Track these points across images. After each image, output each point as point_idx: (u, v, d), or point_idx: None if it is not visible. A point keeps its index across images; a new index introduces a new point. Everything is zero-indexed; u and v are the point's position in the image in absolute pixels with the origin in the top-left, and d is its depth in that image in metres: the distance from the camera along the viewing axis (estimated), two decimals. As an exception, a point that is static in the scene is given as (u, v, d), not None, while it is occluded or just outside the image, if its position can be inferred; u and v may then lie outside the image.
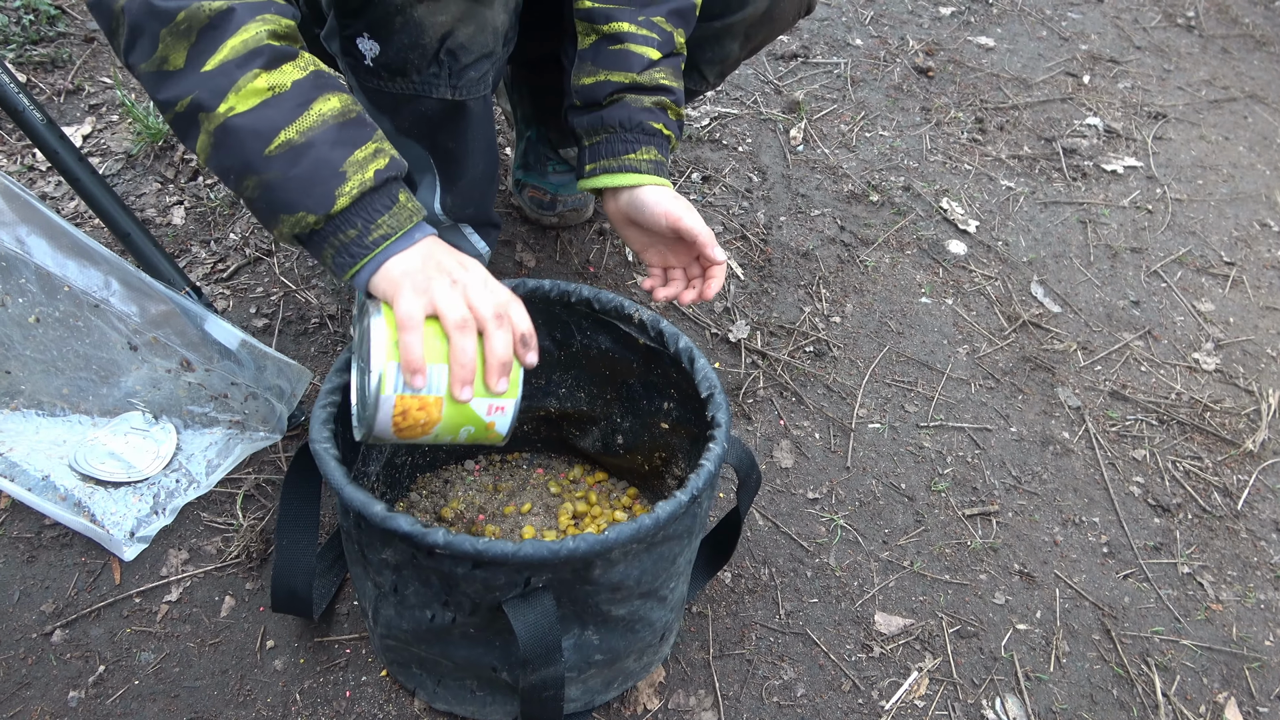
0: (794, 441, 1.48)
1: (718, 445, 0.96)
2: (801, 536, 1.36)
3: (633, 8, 1.17)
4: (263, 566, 1.20)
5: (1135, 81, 2.49)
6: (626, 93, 1.17)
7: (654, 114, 1.18)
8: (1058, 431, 1.56)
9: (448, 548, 0.83)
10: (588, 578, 0.90)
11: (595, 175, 1.19)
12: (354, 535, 0.96)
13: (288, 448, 1.32)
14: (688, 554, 0.99)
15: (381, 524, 0.85)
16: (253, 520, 1.24)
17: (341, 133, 0.85)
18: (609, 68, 1.17)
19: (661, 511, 0.88)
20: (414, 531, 0.84)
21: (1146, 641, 1.31)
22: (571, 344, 1.20)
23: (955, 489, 1.45)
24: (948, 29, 2.56)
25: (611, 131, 1.17)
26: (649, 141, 1.18)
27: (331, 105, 0.86)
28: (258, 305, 1.52)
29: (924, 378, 1.62)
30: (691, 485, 0.91)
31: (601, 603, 0.92)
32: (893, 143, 2.13)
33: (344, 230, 0.86)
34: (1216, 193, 2.15)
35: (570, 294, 1.13)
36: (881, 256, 1.84)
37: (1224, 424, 1.61)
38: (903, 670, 1.23)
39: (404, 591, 0.94)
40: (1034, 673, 1.25)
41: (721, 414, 1.00)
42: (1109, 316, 1.79)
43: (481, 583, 0.88)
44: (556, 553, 0.84)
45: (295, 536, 1.04)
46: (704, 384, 1.04)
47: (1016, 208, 2.01)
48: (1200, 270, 1.93)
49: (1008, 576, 1.35)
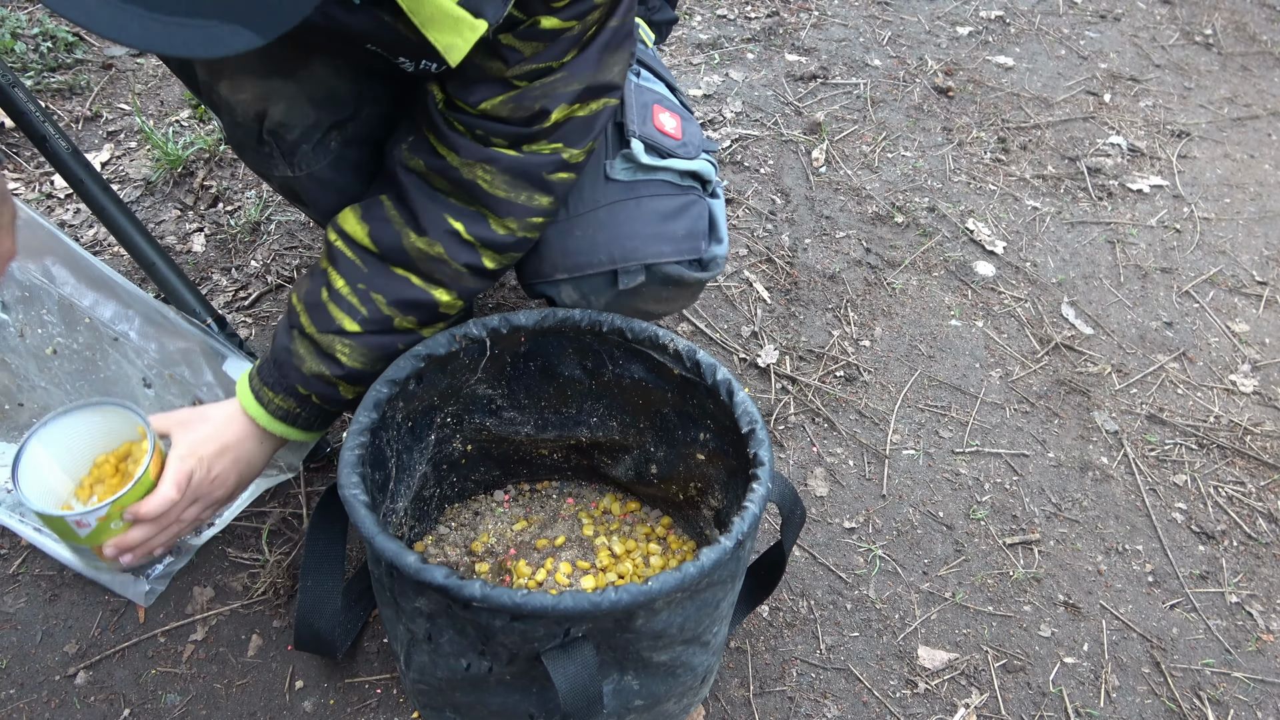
0: (828, 469, 1.45)
1: (761, 486, 0.93)
2: (839, 568, 1.32)
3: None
4: (289, 603, 1.17)
5: (1156, 100, 2.47)
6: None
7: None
8: (1096, 457, 1.53)
9: (485, 601, 0.81)
10: (629, 627, 0.87)
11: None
12: (386, 583, 0.92)
13: (311, 481, 1.29)
14: (731, 597, 0.96)
15: (416, 576, 0.82)
16: (279, 556, 1.21)
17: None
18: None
19: (706, 560, 0.85)
20: (450, 585, 0.81)
21: (1198, 674, 1.27)
22: (604, 373, 1.17)
23: (994, 517, 1.42)
24: (966, 49, 2.54)
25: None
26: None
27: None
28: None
29: (957, 402, 1.59)
30: (736, 530, 0.88)
31: (643, 650, 0.89)
32: (915, 163, 2.11)
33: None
34: (1244, 211, 2.12)
35: (602, 323, 1.10)
36: (909, 278, 1.82)
37: (1265, 448, 1.58)
38: (949, 707, 1.19)
39: (438, 639, 0.91)
40: (1084, 708, 1.21)
41: (764, 451, 0.97)
42: (1142, 338, 1.76)
43: (520, 634, 0.85)
44: (598, 605, 0.81)
45: (320, 579, 1.01)
46: (744, 419, 1.01)
47: (1043, 228, 1.98)
48: (1232, 290, 1.90)
49: (1052, 607, 1.32)
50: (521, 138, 0.96)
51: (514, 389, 1.18)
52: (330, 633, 1.03)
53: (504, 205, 0.99)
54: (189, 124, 1.89)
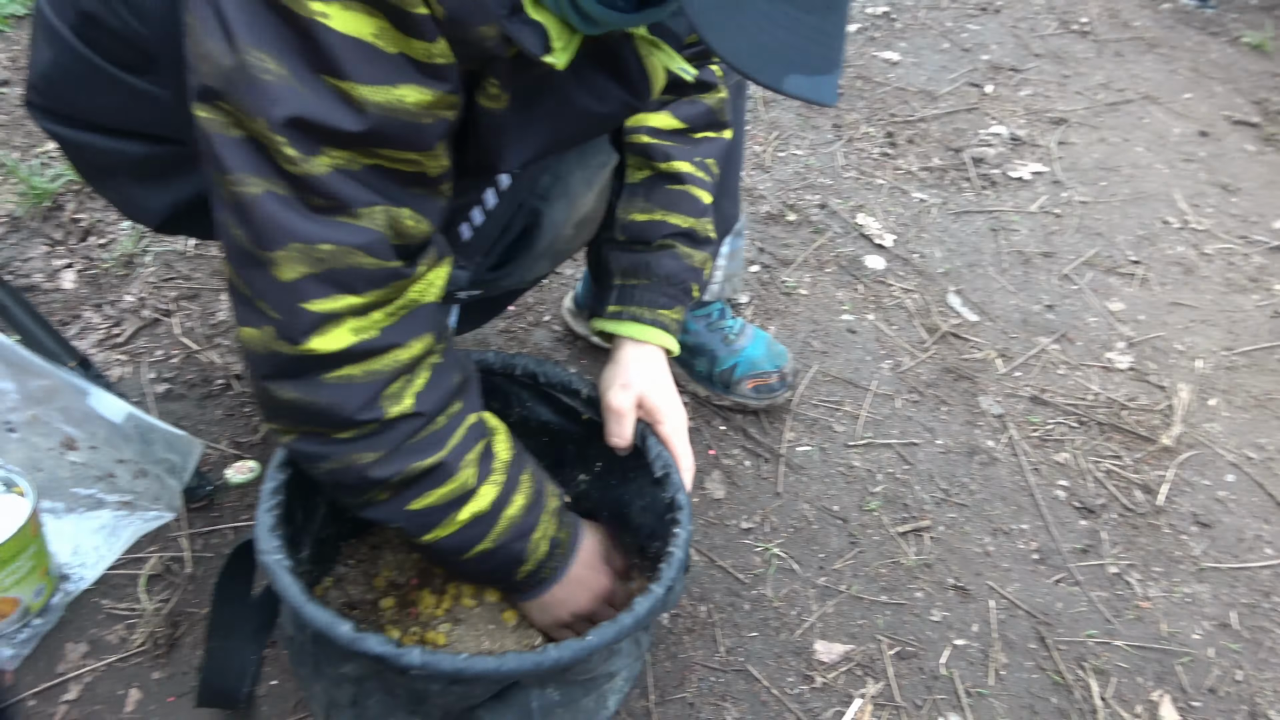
0: (725, 471, 1.47)
1: (683, 530, 0.97)
2: (737, 569, 1.34)
3: (687, 146, 1.13)
4: (172, 652, 1.13)
5: (1036, 89, 2.55)
6: (681, 240, 1.12)
7: (697, 275, 1.14)
8: (982, 440, 1.58)
9: (425, 668, 0.80)
10: (564, 676, 0.90)
11: (621, 320, 1.12)
12: (309, 648, 0.91)
13: (194, 523, 1.26)
14: (651, 628, 0.99)
15: (349, 646, 0.81)
16: (158, 604, 1.17)
17: (524, 523, 0.95)
18: (666, 208, 1.11)
19: (641, 609, 0.88)
20: (387, 654, 0.80)
21: (1081, 646, 1.32)
22: (510, 414, 1.17)
23: (887, 507, 1.45)
24: (853, 45, 2.60)
25: (654, 280, 1.11)
26: (683, 301, 1.13)
27: (518, 505, 0.95)
28: (157, 369, 1.45)
29: (850, 396, 1.62)
30: (665, 577, 0.92)
31: (570, 674, 0.91)
32: (806, 161, 2.15)
33: (518, 583, 1.02)
34: (1119, 194, 2.21)
35: (514, 366, 1.14)
36: (802, 276, 1.85)
37: (1140, 421, 1.65)
38: (845, 699, 1.21)
39: (364, 703, 0.90)
40: (974, 689, 1.25)
41: (682, 495, 1.02)
42: (1025, 322, 1.82)
43: (457, 695, 0.86)
44: (540, 664, 0.83)
45: (226, 640, 1.01)
46: (658, 463, 1.06)
47: (930, 219, 2.04)
48: (1109, 271, 1.98)
49: (943, 591, 1.36)
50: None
51: None
52: (235, 692, 1.02)
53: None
54: (58, 155, 1.82)
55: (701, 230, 1.13)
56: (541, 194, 1.02)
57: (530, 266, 1.08)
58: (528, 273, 1.09)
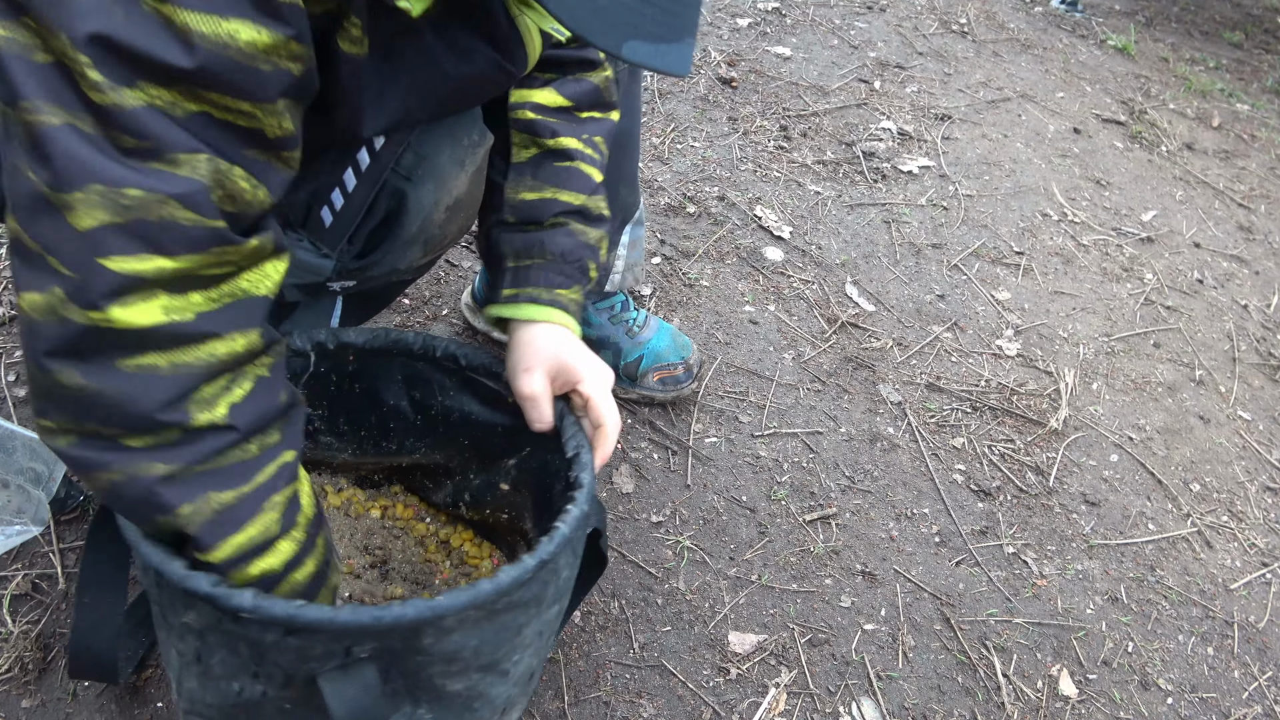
0: (633, 465, 1.45)
1: (577, 508, 0.89)
2: (649, 563, 1.32)
3: (574, 124, 1.08)
4: (43, 678, 1.04)
5: (921, 85, 2.63)
6: (573, 217, 1.06)
7: (593, 252, 1.08)
8: (883, 428, 1.60)
9: (256, 612, 0.73)
10: (418, 647, 0.81)
11: (517, 303, 1.05)
12: (155, 596, 0.84)
13: (64, 536, 1.16)
14: (538, 625, 0.91)
15: (180, 584, 0.74)
16: (25, 626, 1.07)
17: (306, 591, 0.84)
18: (556, 185, 1.06)
19: (505, 578, 0.80)
20: (217, 593, 0.74)
21: (984, 625, 1.35)
22: (432, 405, 1.11)
23: (794, 495, 1.46)
24: (746, 40, 2.62)
25: (549, 259, 1.06)
26: (580, 280, 1.07)
27: (306, 570, 0.83)
28: (16, 371, 1.33)
29: (755, 386, 1.63)
30: (541, 550, 0.83)
31: (435, 675, 0.84)
32: (704, 153, 2.15)
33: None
34: (1002, 187, 2.29)
35: (435, 347, 1.06)
36: (703, 268, 1.84)
37: (1030, 405, 1.71)
38: (760, 689, 1.21)
39: (208, 661, 0.82)
40: (885, 672, 1.26)
41: (586, 475, 0.94)
42: (919, 311, 1.87)
43: (296, 652, 0.78)
44: (380, 619, 0.75)
45: (99, 594, 0.91)
46: (571, 443, 0.99)
47: (825, 211, 2.07)
48: (995, 261, 2.05)
49: (851, 578, 1.37)
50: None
51: (334, 412, 1.10)
52: (110, 655, 0.92)
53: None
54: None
55: (594, 208, 1.09)
56: (405, 173, 0.96)
57: (401, 254, 1.01)
58: (399, 260, 1.02)
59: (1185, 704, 1.33)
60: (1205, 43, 3.54)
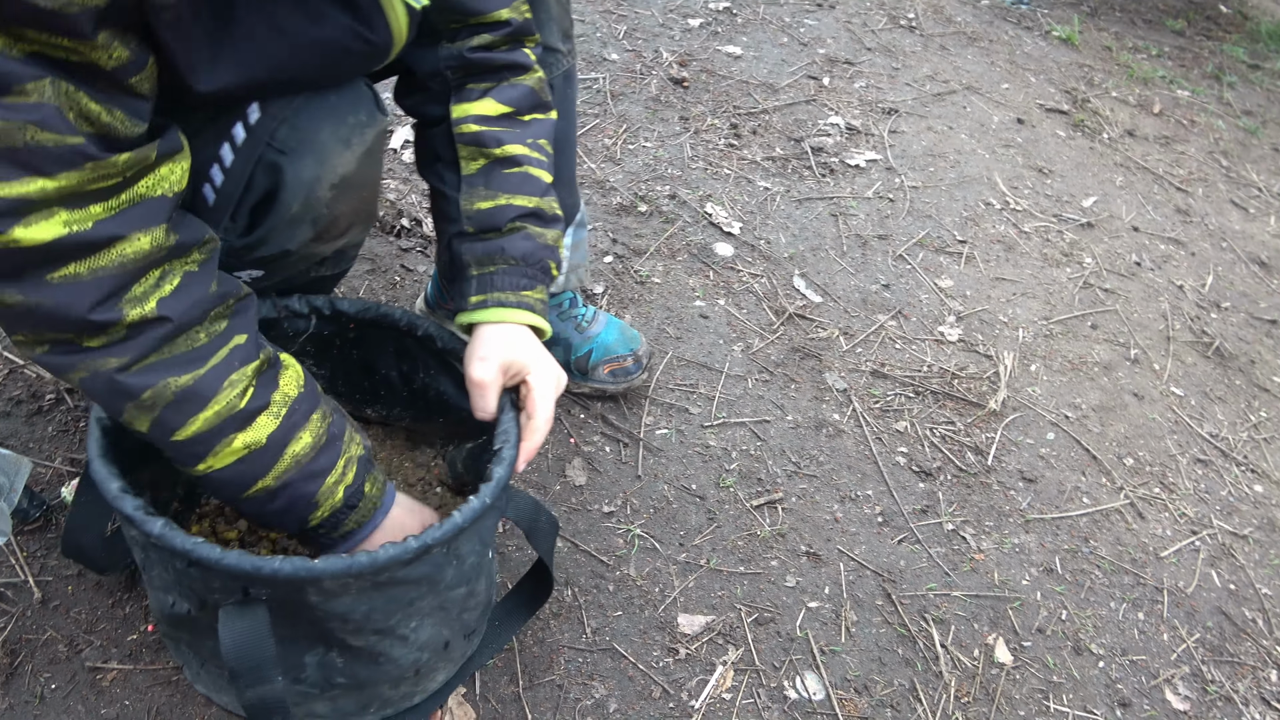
0: (585, 458, 1.50)
1: (478, 499, 0.93)
2: (600, 552, 1.37)
3: (518, 129, 1.11)
4: (10, 682, 1.07)
5: (869, 80, 2.69)
6: (529, 220, 1.10)
7: (552, 253, 1.12)
8: (829, 414, 1.66)
9: (160, 540, 0.83)
10: (307, 603, 0.87)
11: (485, 308, 1.09)
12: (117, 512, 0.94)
13: (28, 546, 1.19)
14: (436, 600, 0.95)
15: (112, 503, 0.85)
16: (-9, 630, 1.11)
17: (314, 464, 0.91)
18: (509, 191, 1.10)
19: (382, 555, 0.86)
20: (136, 517, 0.84)
21: (923, 599, 1.41)
22: (415, 380, 1.21)
23: (742, 482, 1.52)
24: (698, 40, 2.67)
25: (511, 263, 1.10)
26: (543, 280, 1.12)
27: (304, 443, 0.91)
28: (-22, 387, 1.36)
29: (704, 379, 1.68)
30: (425, 536, 0.88)
31: (335, 630, 0.90)
32: (656, 153, 2.20)
33: (314, 531, 0.96)
34: (946, 178, 2.36)
35: (417, 326, 1.15)
36: (655, 265, 1.89)
37: (970, 389, 1.78)
38: (708, 667, 1.26)
39: (149, 572, 0.94)
40: (828, 646, 1.32)
41: (500, 469, 0.98)
42: (864, 301, 1.93)
43: (201, 582, 0.87)
44: (260, 569, 0.83)
45: (92, 495, 1.00)
46: (500, 437, 1.03)
47: (774, 207, 2.12)
48: (938, 250, 2.12)
49: (796, 558, 1.43)
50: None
51: (335, 374, 1.22)
52: (93, 550, 1.04)
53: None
54: None
55: (548, 209, 1.14)
56: (280, 147, 0.96)
57: (288, 233, 1.01)
58: (287, 240, 1.02)
59: (1116, 667, 1.40)
60: (1148, 31, 3.63)
